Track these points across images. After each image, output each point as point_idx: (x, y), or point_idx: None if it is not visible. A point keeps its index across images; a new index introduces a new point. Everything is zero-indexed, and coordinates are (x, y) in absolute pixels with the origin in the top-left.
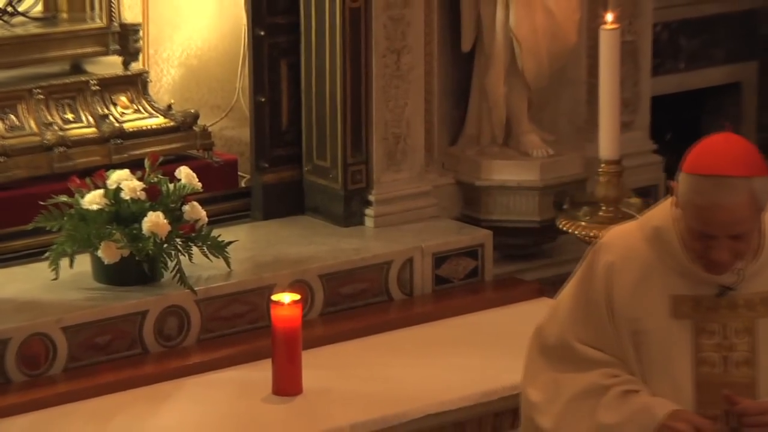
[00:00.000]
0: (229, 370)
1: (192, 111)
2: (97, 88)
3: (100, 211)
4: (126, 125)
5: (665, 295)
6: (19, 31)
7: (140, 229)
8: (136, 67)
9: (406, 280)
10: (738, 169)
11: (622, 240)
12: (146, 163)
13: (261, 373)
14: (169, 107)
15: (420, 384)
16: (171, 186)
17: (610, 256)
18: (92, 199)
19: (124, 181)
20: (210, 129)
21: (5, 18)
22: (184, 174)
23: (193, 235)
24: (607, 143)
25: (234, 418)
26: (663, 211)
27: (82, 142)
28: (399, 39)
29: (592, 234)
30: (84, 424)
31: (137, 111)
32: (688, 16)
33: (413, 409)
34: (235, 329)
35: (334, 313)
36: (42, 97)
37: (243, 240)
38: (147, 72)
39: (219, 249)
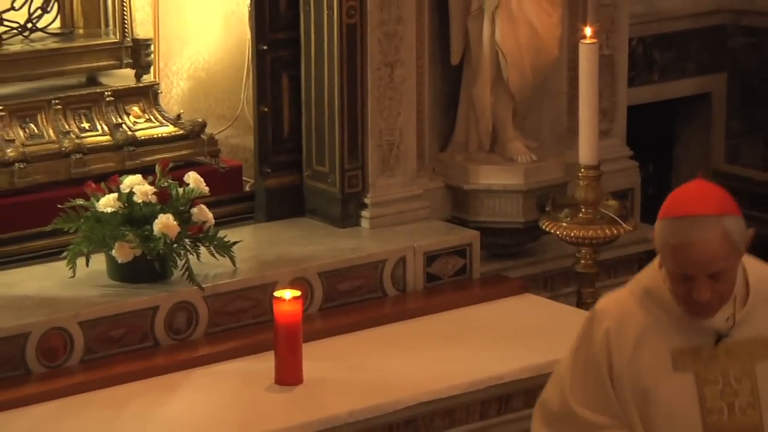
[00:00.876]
0: (234, 362)
1: (200, 120)
2: (111, 99)
3: (114, 213)
4: (138, 133)
5: (665, 351)
6: (38, 46)
7: (152, 230)
8: (147, 79)
9: (399, 278)
10: (708, 208)
11: (616, 306)
12: (157, 168)
13: (264, 364)
14: (179, 117)
15: (412, 374)
16: (180, 190)
17: (606, 323)
18: (107, 203)
19: (136, 185)
20: (216, 137)
21: (25, 34)
22: (193, 179)
23: (201, 235)
24: (586, 149)
25: (239, 406)
26: (650, 271)
27: (98, 149)
28: (392, 53)
29: (572, 234)
30: (99, 412)
31: (149, 120)
32: (661, 31)
33: (406, 398)
34: (240, 323)
35: (332, 308)
36: (60, 107)
37: (247, 240)
38: (158, 84)
39: (225, 249)
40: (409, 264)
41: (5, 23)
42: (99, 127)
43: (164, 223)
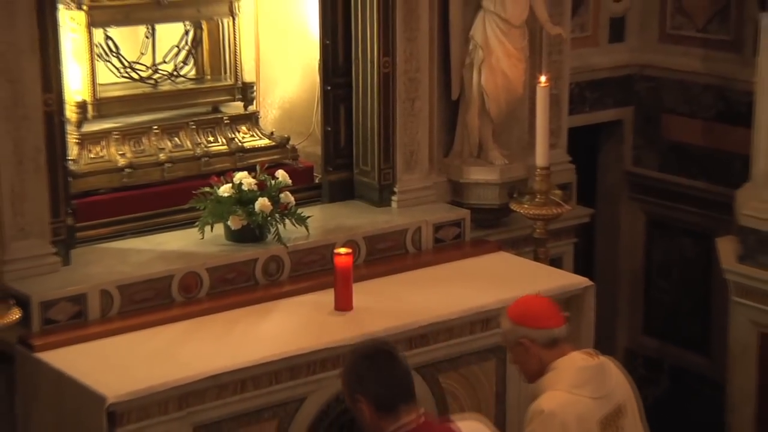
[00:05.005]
0: (308, 295)
1: (286, 136)
2: (228, 122)
3: (229, 197)
4: (245, 144)
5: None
6: (180, 86)
7: (254, 208)
8: (251, 109)
9: (417, 240)
10: (509, 307)
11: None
12: (258, 168)
13: (327, 297)
14: (272, 133)
15: (425, 304)
16: (273, 182)
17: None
18: (225, 190)
19: (244, 179)
20: (296, 147)
21: (172, 78)
22: (281, 174)
23: (286, 212)
24: (541, 156)
25: (311, 325)
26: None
27: (219, 155)
28: (413, 91)
29: (531, 212)
30: (219, 327)
31: (252, 136)
32: (590, 78)
33: (421, 320)
34: (311, 270)
35: (373, 260)
36: (194, 127)
37: (316, 215)
38: (258, 112)
39: (302, 221)
40: (423, 231)
41: (160, 71)
42: (220, 140)
43: (262, 203)
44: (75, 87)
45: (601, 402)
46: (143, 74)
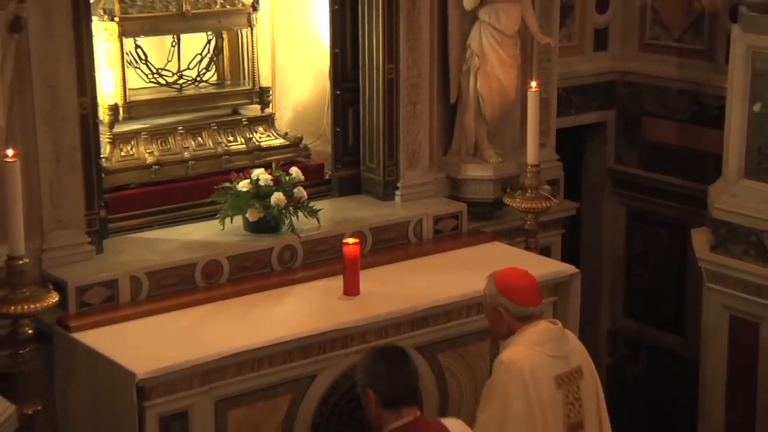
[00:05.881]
0: (319, 281)
1: (299, 136)
2: (246, 123)
3: (247, 191)
4: (262, 143)
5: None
6: (203, 90)
7: (270, 201)
8: (267, 111)
9: (419, 231)
10: (498, 273)
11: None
12: (273, 165)
13: (336, 283)
14: (286, 134)
15: (425, 289)
16: (287, 178)
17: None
18: (243, 185)
19: (261, 175)
20: (309, 146)
21: (196, 83)
22: (294, 171)
23: (299, 205)
24: (532, 154)
25: (321, 308)
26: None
27: (238, 153)
28: (415, 96)
29: (523, 206)
30: (238, 310)
31: (269, 136)
32: (576, 84)
33: (421, 304)
34: (322, 258)
35: (378, 249)
36: (215, 127)
37: (326, 208)
38: (274, 114)
39: (313, 213)
40: (424, 223)
41: (184, 77)
42: (239, 139)
43: (277, 197)
44: (107, 91)
45: (560, 361)
46: (169, 80)
